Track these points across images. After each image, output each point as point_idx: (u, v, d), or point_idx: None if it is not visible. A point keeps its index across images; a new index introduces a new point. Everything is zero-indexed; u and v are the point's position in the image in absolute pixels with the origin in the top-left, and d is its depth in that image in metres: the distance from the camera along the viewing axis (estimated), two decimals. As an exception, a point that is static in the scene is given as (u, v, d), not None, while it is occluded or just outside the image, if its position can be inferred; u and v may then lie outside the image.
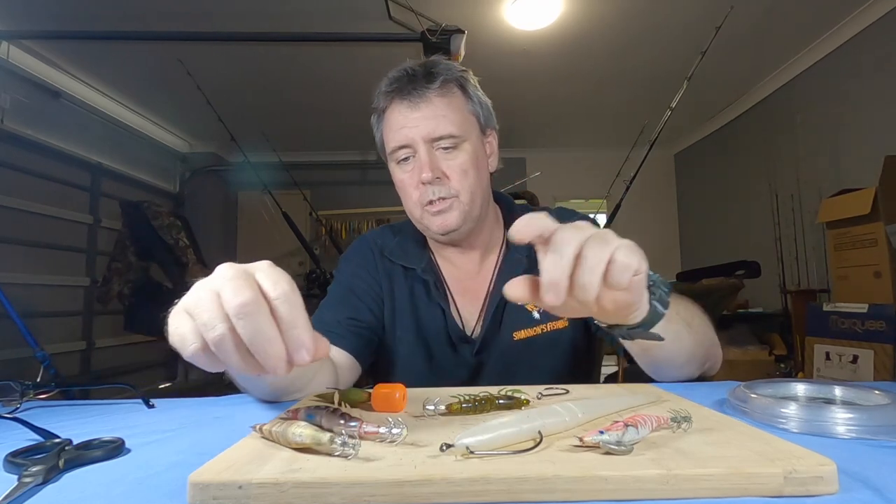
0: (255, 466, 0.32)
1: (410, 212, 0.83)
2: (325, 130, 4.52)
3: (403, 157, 0.80)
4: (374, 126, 0.87)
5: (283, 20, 2.78)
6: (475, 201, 0.81)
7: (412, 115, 0.78)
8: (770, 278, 3.33)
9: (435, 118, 0.78)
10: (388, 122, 0.82)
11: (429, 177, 0.77)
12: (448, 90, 0.80)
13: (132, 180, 3.92)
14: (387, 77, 0.83)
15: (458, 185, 0.79)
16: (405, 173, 0.81)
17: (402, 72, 0.82)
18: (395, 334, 0.85)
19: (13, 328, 1.69)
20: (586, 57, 3.29)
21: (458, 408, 0.46)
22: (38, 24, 2.68)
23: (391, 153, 0.82)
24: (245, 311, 0.33)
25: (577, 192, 5.10)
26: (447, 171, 0.79)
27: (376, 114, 0.85)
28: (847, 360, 2.22)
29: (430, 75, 0.80)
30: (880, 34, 2.76)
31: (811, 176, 3.27)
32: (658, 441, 0.37)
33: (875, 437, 0.41)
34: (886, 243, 2.24)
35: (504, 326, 0.82)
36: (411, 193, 0.80)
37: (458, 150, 0.80)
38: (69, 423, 0.55)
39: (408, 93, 0.79)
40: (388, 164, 0.86)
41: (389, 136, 0.81)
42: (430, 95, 0.79)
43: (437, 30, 2.40)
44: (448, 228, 0.79)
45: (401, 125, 0.79)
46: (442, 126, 0.78)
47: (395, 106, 0.80)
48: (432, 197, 0.78)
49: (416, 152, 0.79)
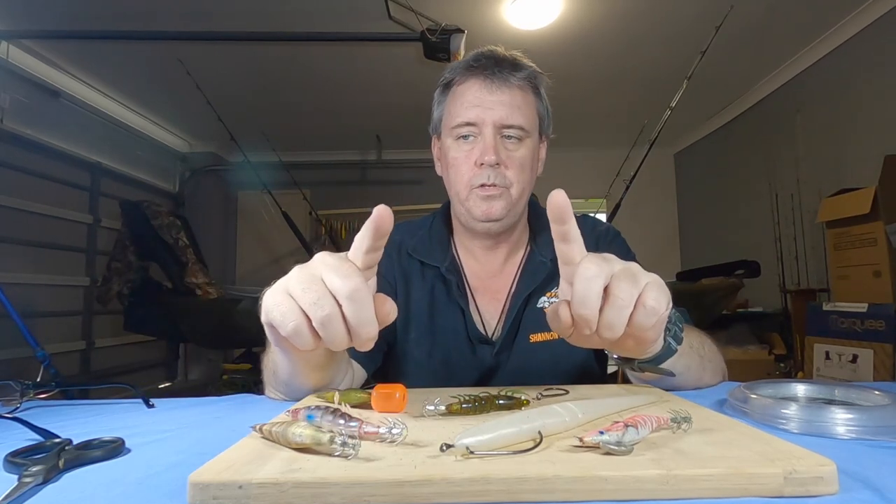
0: (255, 466, 0.32)
1: (457, 191, 0.82)
2: (325, 130, 4.52)
3: (465, 134, 0.79)
4: (436, 98, 0.86)
5: (283, 20, 2.78)
6: (522, 198, 0.81)
7: (489, 97, 0.78)
8: (770, 278, 3.33)
9: (511, 106, 0.78)
10: (460, 96, 0.80)
11: (492, 159, 0.76)
12: (527, 84, 0.81)
13: (132, 180, 3.92)
14: (469, 54, 0.82)
15: (514, 177, 0.79)
16: (462, 151, 0.80)
17: (490, 51, 0.81)
18: (408, 336, 0.84)
19: (13, 328, 1.68)
20: (586, 57, 3.29)
21: (458, 408, 0.46)
22: (38, 24, 2.68)
23: (455, 127, 0.80)
24: (356, 296, 0.39)
25: (577, 191, 5.10)
26: (507, 161, 0.78)
27: (444, 86, 0.84)
28: (847, 360, 2.22)
29: (516, 65, 0.80)
30: (880, 34, 2.75)
31: (811, 176, 3.27)
32: (658, 441, 0.37)
33: (875, 438, 0.41)
34: (886, 243, 2.24)
35: (522, 329, 0.82)
36: (464, 173, 0.80)
37: (521, 143, 0.80)
38: (69, 423, 0.55)
39: (492, 73, 0.78)
40: (442, 139, 0.85)
41: (458, 110, 0.80)
42: (512, 83, 0.79)
43: (437, 29, 2.40)
44: (492, 216, 0.79)
45: (475, 103, 0.78)
46: (515, 115, 0.78)
47: (473, 82, 0.79)
48: (486, 181, 0.78)
49: (482, 133, 0.78)
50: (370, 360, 0.78)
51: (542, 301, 0.83)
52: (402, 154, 4.88)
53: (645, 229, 4.76)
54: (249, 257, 5.08)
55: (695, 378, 0.66)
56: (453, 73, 0.83)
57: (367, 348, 0.41)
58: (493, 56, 0.80)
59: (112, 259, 3.37)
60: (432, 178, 0.87)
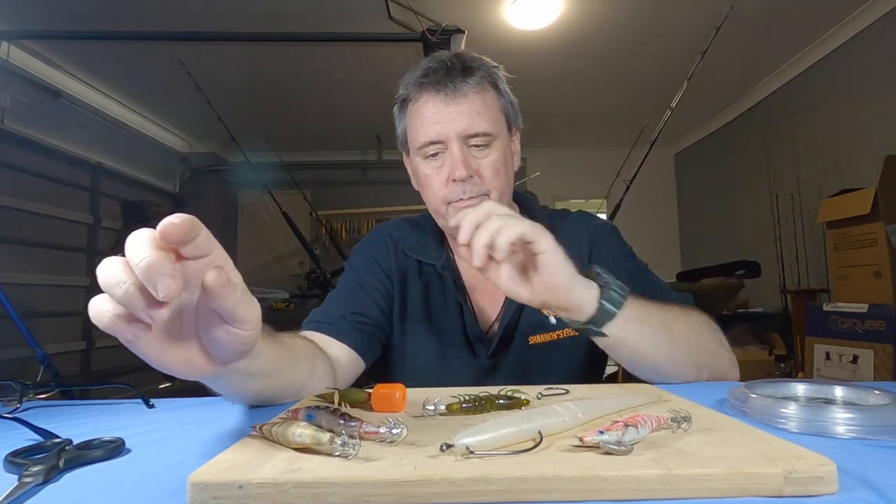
0: (255, 466, 0.32)
1: (435, 209, 0.80)
2: (325, 130, 4.53)
3: (433, 152, 0.77)
4: (396, 115, 0.84)
5: (283, 20, 2.78)
6: (503, 200, 0.80)
7: (446, 110, 0.75)
8: (770, 278, 3.33)
9: (471, 115, 0.75)
10: (419, 115, 0.78)
11: (463, 175, 0.74)
12: (483, 86, 0.78)
13: (132, 180, 3.92)
14: (418, 66, 0.79)
15: (490, 183, 0.77)
16: (432, 168, 0.78)
17: (437, 62, 0.78)
18: (404, 330, 0.84)
19: (13, 328, 1.68)
20: (586, 57, 3.29)
21: (458, 408, 0.46)
22: (38, 24, 2.68)
23: (420, 147, 0.78)
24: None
25: (577, 191, 5.11)
26: (479, 170, 0.76)
27: (401, 103, 0.81)
28: (847, 360, 2.22)
29: (467, 69, 0.77)
30: (880, 34, 2.75)
31: (811, 176, 3.27)
32: (658, 441, 0.37)
33: (875, 437, 0.41)
34: (886, 243, 2.24)
35: (520, 330, 0.81)
36: (437, 190, 0.78)
37: (490, 148, 0.77)
38: (69, 423, 0.55)
39: (444, 85, 0.75)
40: (411, 158, 0.83)
41: (420, 129, 0.77)
42: (466, 90, 0.75)
43: (437, 30, 2.40)
44: None
45: (434, 120, 0.76)
46: (478, 123, 0.75)
47: (428, 98, 0.76)
48: (462, 195, 0.76)
49: (448, 148, 0.76)
50: (368, 349, 0.78)
51: None
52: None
53: (645, 229, 4.76)
54: (250, 257, 5.07)
55: (665, 356, 0.64)
56: (406, 90, 0.80)
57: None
58: (442, 65, 0.77)
59: (112, 259, 3.37)
60: (433, 178, 0.86)
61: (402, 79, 0.81)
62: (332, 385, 0.65)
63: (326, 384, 0.64)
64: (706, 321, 0.71)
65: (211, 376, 0.44)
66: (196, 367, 0.41)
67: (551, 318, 0.81)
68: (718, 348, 0.70)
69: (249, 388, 0.52)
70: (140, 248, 0.32)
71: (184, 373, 0.40)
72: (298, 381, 0.59)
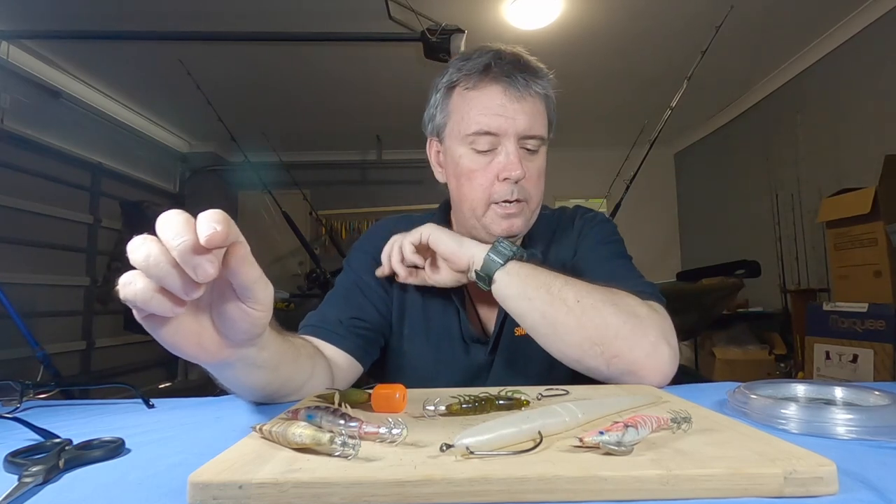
0: (255, 466, 0.32)
1: (473, 206, 0.76)
2: (325, 130, 4.53)
3: (483, 148, 0.73)
4: (437, 99, 0.79)
5: (283, 20, 2.78)
6: (538, 209, 0.79)
7: (511, 106, 0.72)
8: (770, 278, 3.33)
9: (534, 115, 0.73)
10: (477, 102, 0.73)
11: (520, 175, 0.72)
12: (545, 91, 0.76)
13: (132, 180, 3.93)
14: (472, 53, 0.76)
15: (532, 189, 0.76)
16: (479, 163, 0.74)
17: (507, 54, 0.74)
18: (402, 332, 0.84)
19: (13, 328, 1.68)
20: (586, 57, 3.29)
21: (458, 408, 0.46)
22: (38, 24, 2.68)
23: (470, 135, 0.73)
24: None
25: (577, 191, 5.10)
26: (527, 173, 0.74)
27: (449, 87, 0.77)
28: (847, 360, 2.22)
29: (533, 70, 0.74)
30: (880, 34, 2.75)
31: (811, 176, 3.27)
32: (658, 441, 0.37)
33: (875, 438, 0.41)
34: (886, 243, 2.24)
35: (508, 322, 0.80)
36: (483, 186, 0.74)
37: (539, 153, 0.76)
38: (69, 423, 0.55)
39: (513, 80, 0.72)
40: (448, 145, 0.78)
41: (477, 117, 0.73)
42: (534, 90, 0.73)
43: (437, 29, 2.40)
44: (512, 233, 0.76)
45: (497, 111, 0.72)
46: (537, 126, 0.74)
47: (494, 87, 0.73)
48: (509, 197, 0.73)
49: (502, 144, 0.73)
50: (366, 354, 0.78)
51: None
52: (402, 154, 4.88)
53: (645, 229, 4.76)
54: (250, 257, 5.07)
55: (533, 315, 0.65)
56: (461, 74, 0.75)
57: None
58: (512, 59, 0.74)
59: (113, 259, 3.37)
60: (432, 178, 0.86)
61: (451, 63, 0.78)
62: (331, 385, 0.66)
63: (326, 384, 0.64)
64: (639, 309, 0.65)
65: (219, 361, 0.44)
66: (206, 349, 0.41)
67: None
68: (632, 335, 0.62)
69: (254, 380, 0.52)
70: (176, 231, 0.34)
71: (194, 354, 0.41)
72: (300, 379, 0.60)
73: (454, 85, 0.77)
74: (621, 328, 0.63)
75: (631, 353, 0.62)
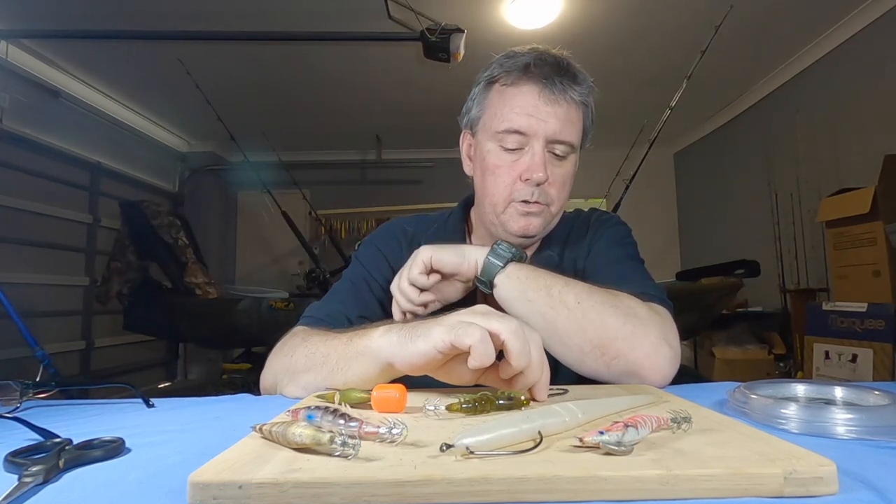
0: (255, 466, 0.32)
1: (494, 202, 0.77)
2: (324, 130, 4.52)
3: (512, 146, 0.74)
4: (476, 92, 0.80)
5: (282, 20, 2.78)
6: (559, 215, 0.79)
7: (544, 108, 0.73)
8: (769, 277, 3.33)
9: (565, 121, 0.74)
10: (513, 100, 0.74)
11: (542, 177, 0.73)
12: (583, 99, 0.77)
13: (132, 180, 3.92)
14: (517, 52, 0.76)
15: (556, 194, 0.76)
16: (505, 160, 0.75)
17: (548, 56, 0.75)
18: None
19: (13, 328, 1.68)
20: (586, 56, 3.23)
21: (458, 408, 0.46)
22: (38, 23, 2.68)
23: (500, 132, 0.74)
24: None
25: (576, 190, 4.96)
26: (551, 178, 0.75)
27: (489, 81, 0.78)
28: (846, 360, 2.22)
29: (574, 76, 0.75)
30: (880, 34, 2.75)
31: (811, 175, 3.27)
32: (658, 441, 0.37)
33: (875, 438, 0.41)
34: (886, 242, 2.24)
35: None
36: (506, 184, 0.75)
37: (567, 160, 0.77)
38: (69, 423, 0.55)
39: (551, 82, 0.73)
40: (479, 139, 0.79)
41: (507, 114, 0.74)
42: (570, 96, 0.74)
43: (437, 29, 2.40)
44: (529, 233, 0.76)
45: (528, 111, 0.73)
46: (567, 131, 0.74)
47: (531, 87, 0.73)
48: (529, 198, 0.74)
49: (530, 145, 0.74)
50: None
51: None
52: (402, 154, 4.88)
53: (645, 229, 4.72)
54: (249, 257, 5.08)
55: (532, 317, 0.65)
56: (501, 70, 0.76)
57: None
58: (553, 61, 0.75)
59: (112, 259, 3.37)
60: (432, 177, 0.86)
61: (494, 59, 0.78)
62: None
63: None
64: (640, 310, 0.65)
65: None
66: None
67: None
68: (633, 336, 0.63)
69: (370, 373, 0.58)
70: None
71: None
72: None
73: (493, 80, 0.77)
74: (621, 329, 0.63)
75: (631, 353, 0.62)
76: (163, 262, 3.41)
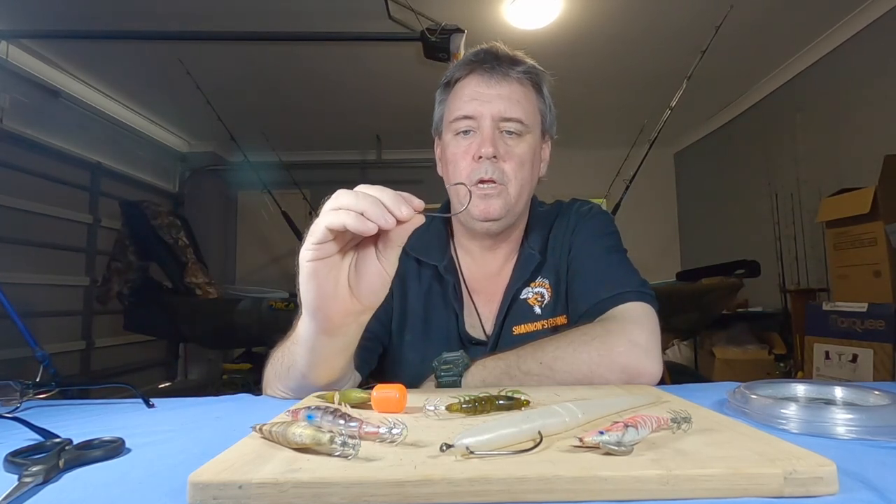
0: (255, 466, 0.32)
1: (457, 189, 0.80)
2: (325, 130, 4.52)
3: (464, 129, 0.79)
4: (437, 98, 0.86)
5: (283, 20, 2.78)
6: (521, 197, 0.80)
7: (487, 91, 0.78)
8: (770, 277, 3.33)
9: (510, 100, 0.77)
10: (459, 92, 0.80)
11: (489, 151, 0.75)
12: (527, 80, 0.81)
13: (132, 180, 3.92)
14: (469, 51, 0.83)
15: (512, 173, 0.78)
16: (461, 146, 0.79)
17: (489, 48, 0.81)
18: (403, 339, 0.83)
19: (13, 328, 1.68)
20: (586, 57, 3.28)
21: (458, 408, 0.46)
22: (38, 23, 2.68)
23: (453, 121, 0.80)
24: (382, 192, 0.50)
25: (576, 191, 5.01)
26: (505, 155, 0.77)
27: (445, 85, 0.84)
28: (847, 360, 2.22)
29: (516, 61, 0.80)
30: (880, 34, 2.75)
31: (811, 175, 3.27)
32: (658, 441, 0.37)
33: (875, 438, 0.41)
34: (886, 242, 2.24)
35: (507, 322, 0.81)
36: (462, 168, 0.78)
37: (521, 138, 0.79)
38: (69, 423, 0.55)
39: (490, 68, 0.78)
40: (443, 137, 0.84)
41: (456, 105, 0.80)
42: (511, 76, 0.78)
43: (437, 29, 2.40)
44: (489, 216, 0.77)
45: (473, 97, 0.78)
46: (513, 108, 0.77)
47: (472, 78, 0.80)
48: (484, 175, 0.76)
49: (480, 127, 0.78)
50: (364, 363, 0.77)
51: (526, 292, 0.83)
52: (402, 154, 4.88)
53: (645, 229, 4.75)
54: (249, 257, 5.07)
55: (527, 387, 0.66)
56: (453, 72, 0.82)
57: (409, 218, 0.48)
58: (492, 51, 0.80)
59: (112, 259, 3.37)
60: (432, 178, 0.86)
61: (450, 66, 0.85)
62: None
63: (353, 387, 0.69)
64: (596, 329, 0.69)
65: (337, 323, 0.54)
66: (338, 298, 0.52)
67: (536, 308, 0.82)
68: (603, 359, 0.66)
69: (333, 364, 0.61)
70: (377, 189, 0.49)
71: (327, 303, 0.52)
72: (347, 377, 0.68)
73: (448, 83, 0.84)
74: (593, 357, 0.66)
75: (610, 373, 0.65)
76: (163, 263, 3.40)
